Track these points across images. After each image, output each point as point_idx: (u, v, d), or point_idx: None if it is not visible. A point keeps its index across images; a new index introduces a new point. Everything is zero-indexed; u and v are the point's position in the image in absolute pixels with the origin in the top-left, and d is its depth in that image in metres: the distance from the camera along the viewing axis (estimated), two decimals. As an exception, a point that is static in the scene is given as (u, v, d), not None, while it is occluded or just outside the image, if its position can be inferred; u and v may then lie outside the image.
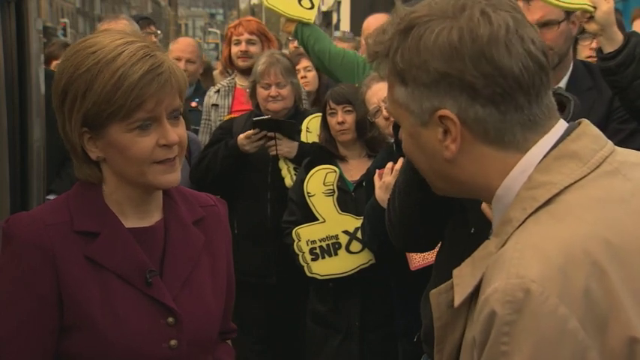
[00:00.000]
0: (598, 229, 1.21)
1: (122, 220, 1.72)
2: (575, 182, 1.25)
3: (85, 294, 1.66)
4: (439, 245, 2.47)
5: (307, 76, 5.00)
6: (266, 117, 3.92)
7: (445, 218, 2.33)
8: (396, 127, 2.02)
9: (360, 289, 3.63)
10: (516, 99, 1.27)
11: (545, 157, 1.29)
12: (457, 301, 1.29)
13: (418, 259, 3.16)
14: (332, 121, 3.70)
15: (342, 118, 3.66)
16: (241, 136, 3.89)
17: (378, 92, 3.32)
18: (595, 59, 2.96)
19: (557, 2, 2.67)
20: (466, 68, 1.25)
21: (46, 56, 4.26)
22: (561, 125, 1.33)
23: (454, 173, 1.34)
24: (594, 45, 3.97)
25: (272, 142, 3.88)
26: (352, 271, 3.60)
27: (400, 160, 3.05)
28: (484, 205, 2.18)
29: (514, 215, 1.26)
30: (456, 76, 1.26)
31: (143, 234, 1.74)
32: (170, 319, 1.71)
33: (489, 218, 2.15)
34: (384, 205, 2.98)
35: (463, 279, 1.30)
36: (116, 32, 1.72)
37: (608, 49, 2.74)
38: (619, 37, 2.73)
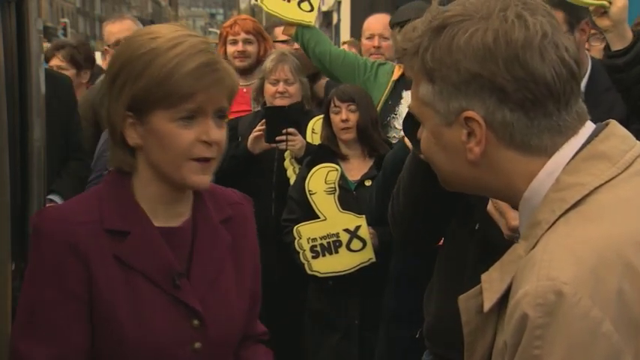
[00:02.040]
0: (630, 230, 1.19)
1: (152, 219, 1.71)
2: (605, 183, 1.24)
3: (112, 293, 1.65)
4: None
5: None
6: (277, 105, 3.91)
7: (449, 214, 2.34)
8: (407, 125, 2.00)
9: (360, 287, 3.63)
10: (546, 106, 1.25)
11: (573, 158, 1.27)
12: (487, 306, 1.28)
13: None
14: (335, 118, 3.70)
15: (346, 116, 3.67)
16: (251, 136, 3.89)
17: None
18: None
19: None
20: (498, 71, 1.24)
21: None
22: (589, 127, 1.31)
23: (475, 175, 1.32)
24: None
25: (283, 137, 3.86)
26: (352, 270, 3.61)
27: None
28: (490, 207, 2.18)
29: (543, 217, 1.25)
30: (488, 78, 1.24)
31: (171, 234, 1.73)
32: (195, 322, 1.71)
33: (496, 220, 2.16)
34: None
35: (492, 283, 1.28)
36: (179, 26, 1.73)
37: (617, 46, 2.71)
38: (629, 34, 2.71)
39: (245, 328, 1.86)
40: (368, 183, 3.69)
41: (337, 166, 3.68)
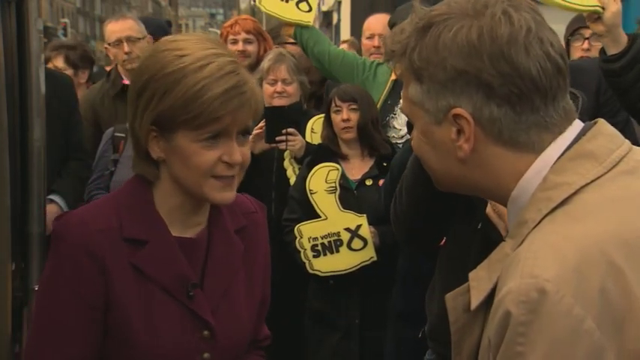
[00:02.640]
0: (615, 229, 1.20)
1: (170, 228, 1.71)
2: (592, 182, 1.24)
3: (127, 300, 1.66)
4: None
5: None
6: (276, 106, 3.92)
7: (451, 214, 2.34)
8: (410, 126, 2.02)
9: (361, 287, 3.63)
10: (533, 100, 1.26)
11: (560, 157, 1.28)
12: (473, 305, 1.29)
13: None
14: (336, 118, 3.71)
15: (347, 116, 3.67)
16: (251, 135, 3.90)
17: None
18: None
19: (567, 4, 2.65)
20: (484, 66, 1.25)
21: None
22: (577, 125, 1.32)
23: (466, 173, 1.33)
24: (585, 46, 3.95)
25: (283, 137, 3.87)
26: (353, 268, 3.62)
27: None
28: (489, 209, 2.18)
29: (529, 216, 1.26)
30: (474, 74, 1.25)
31: (187, 244, 1.73)
32: (206, 333, 1.71)
33: (495, 223, 2.16)
34: None
35: (479, 282, 1.29)
36: (206, 40, 1.70)
37: (613, 50, 2.72)
38: (624, 38, 2.72)
39: (254, 334, 1.88)
40: (369, 182, 3.70)
41: (338, 166, 3.69)
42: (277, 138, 3.88)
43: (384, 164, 3.61)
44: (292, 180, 3.93)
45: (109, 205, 1.73)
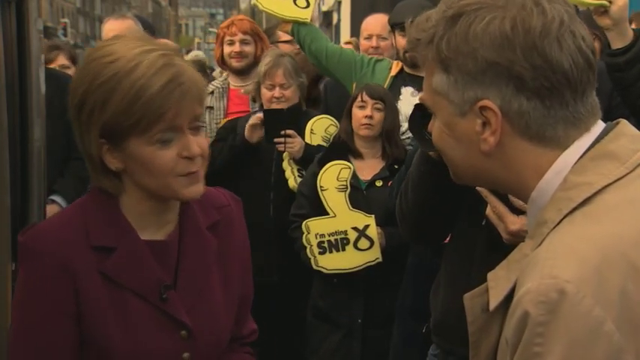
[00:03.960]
0: (635, 231, 1.18)
1: (139, 232, 1.70)
2: (613, 182, 1.23)
3: (99, 309, 1.65)
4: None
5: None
6: (275, 108, 3.92)
7: (456, 211, 2.34)
8: (413, 122, 2.01)
9: (365, 286, 3.64)
10: (563, 94, 1.24)
11: (581, 157, 1.26)
12: (492, 305, 1.27)
13: None
14: (359, 113, 3.69)
15: (371, 113, 3.66)
16: (248, 124, 3.91)
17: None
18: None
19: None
20: (516, 59, 1.23)
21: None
22: (600, 125, 1.30)
23: (488, 166, 1.31)
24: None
25: (281, 139, 3.88)
26: (358, 268, 3.62)
27: None
28: (489, 211, 2.18)
29: (549, 217, 1.24)
30: (505, 66, 1.23)
31: (158, 247, 1.72)
32: (183, 333, 1.71)
33: (495, 224, 2.16)
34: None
35: (498, 282, 1.28)
36: (133, 39, 1.67)
37: (618, 44, 2.71)
38: (630, 33, 2.71)
39: (237, 331, 1.87)
40: (379, 183, 3.69)
41: (350, 164, 3.68)
42: (276, 140, 3.88)
43: (395, 166, 3.60)
44: (290, 180, 3.94)
45: (75, 214, 1.71)
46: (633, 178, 1.24)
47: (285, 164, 3.95)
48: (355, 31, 9.73)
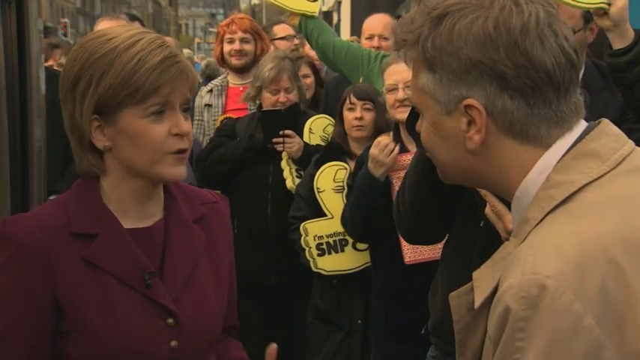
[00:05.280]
0: (616, 227, 1.20)
1: (121, 221, 1.71)
2: (594, 180, 1.25)
3: (83, 297, 1.64)
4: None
5: (305, 82, 4.99)
6: (273, 109, 3.93)
7: (454, 212, 2.34)
8: (410, 119, 2.01)
9: (364, 287, 3.64)
10: (546, 93, 1.26)
11: (564, 156, 1.28)
12: (477, 303, 1.29)
13: (413, 254, 3.17)
14: (349, 115, 3.69)
15: (361, 114, 3.66)
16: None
17: (399, 71, 3.26)
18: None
19: (574, 3, 2.66)
20: (499, 58, 1.25)
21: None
22: (582, 124, 1.32)
23: (475, 166, 1.33)
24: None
25: (280, 140, 3.88)
26: (357, 269, 3.63)
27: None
28: (487, 210, 2.18)
29: (532, 215, 1.26)
30: (489, 65, 1.25)
31: (142, 234, 1.72)
32: (170, 320, 1.70)
33: (493, 223, 2.16)
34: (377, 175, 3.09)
35: (483, 280, 1.30)
36: (129, 26, 1.72)
37: (619, 45, 2.72)
38: (630, 33, 2.72)
39: (225, 323, 1.87)
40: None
41: (346, 165, 3.68)
42: (274, 140, 3.88)
43: None
44: (288, 180, 3.93)
45: (58, 203, 1.73)
46: (614, 176, 1.26)
47: (283, 164, 3.95)
48: (355, 31, 9.73)
